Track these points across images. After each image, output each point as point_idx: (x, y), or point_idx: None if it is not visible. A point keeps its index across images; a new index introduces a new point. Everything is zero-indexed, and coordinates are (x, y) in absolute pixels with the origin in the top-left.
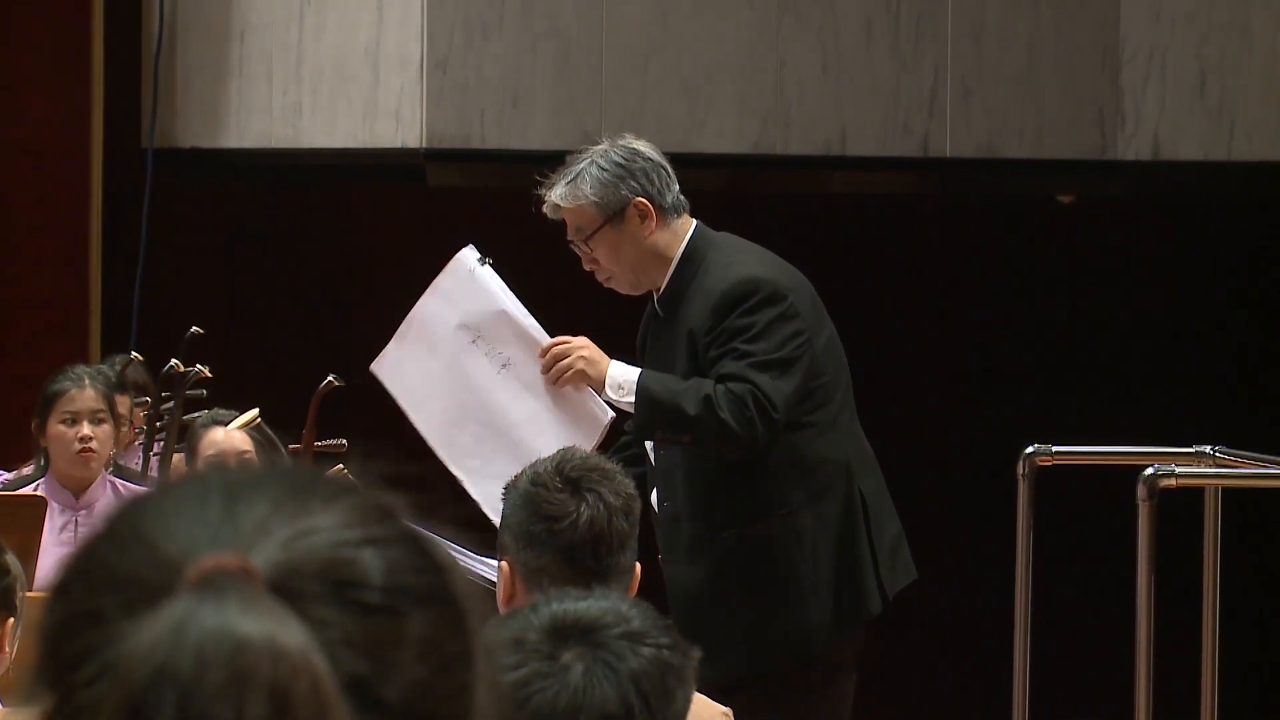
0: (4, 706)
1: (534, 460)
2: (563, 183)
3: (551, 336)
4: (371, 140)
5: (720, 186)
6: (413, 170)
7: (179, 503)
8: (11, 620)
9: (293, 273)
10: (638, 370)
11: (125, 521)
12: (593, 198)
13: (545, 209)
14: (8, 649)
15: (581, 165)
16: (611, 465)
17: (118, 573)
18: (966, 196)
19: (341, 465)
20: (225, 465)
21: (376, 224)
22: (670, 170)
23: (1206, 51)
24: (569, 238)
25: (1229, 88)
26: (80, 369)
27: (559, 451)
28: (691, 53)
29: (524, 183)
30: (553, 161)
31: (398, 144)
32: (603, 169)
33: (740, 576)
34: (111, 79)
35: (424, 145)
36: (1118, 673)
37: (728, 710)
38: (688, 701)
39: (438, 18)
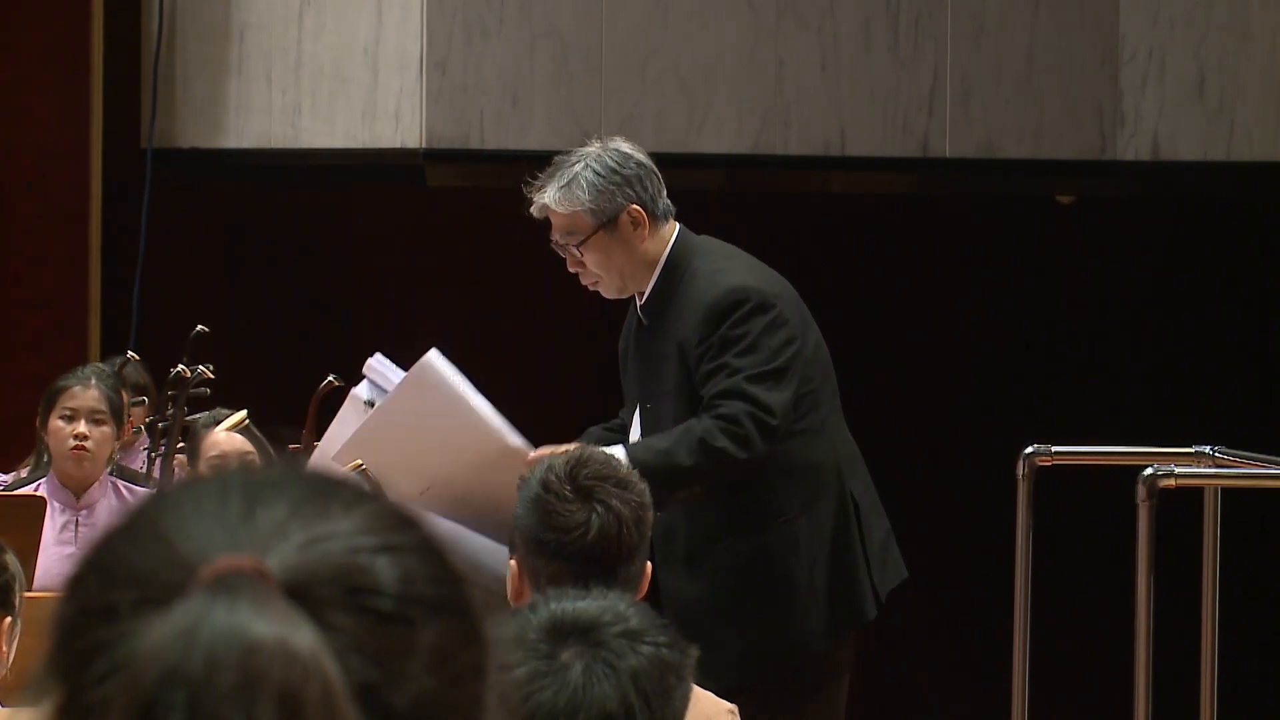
0: (3, 708)
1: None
2: (555, 186)
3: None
4: (371, 140)
5: (720, 186)
6: (412, 170)
7: (199, 502)
8: (10, 619)
9: (293, 273)
10: (621, 448)
11: (144, 518)
12: (589, 204)
13: (534, 210)
14: (5, 649)
15: (575, 169)
16: (626, 473)
17: (133, 569)
18: (966, 196)
19: (361, 462)
20: (244, 466)
21: (376, 224)
22: (660, 175)
23: (1205, 52)
24: (554, 239)
25: (1228, 88)
26: (89, 369)
27: (575, 451)
28: (690, 53)
29: (523, 183)
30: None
31: (397, 144)
32: (598, 174)
33: (738, 587)
34: (111, 79)
35: (423, 145)
36: (1118, 672)
37: (733, 707)
38: (686, 699)
39: (437, 18)
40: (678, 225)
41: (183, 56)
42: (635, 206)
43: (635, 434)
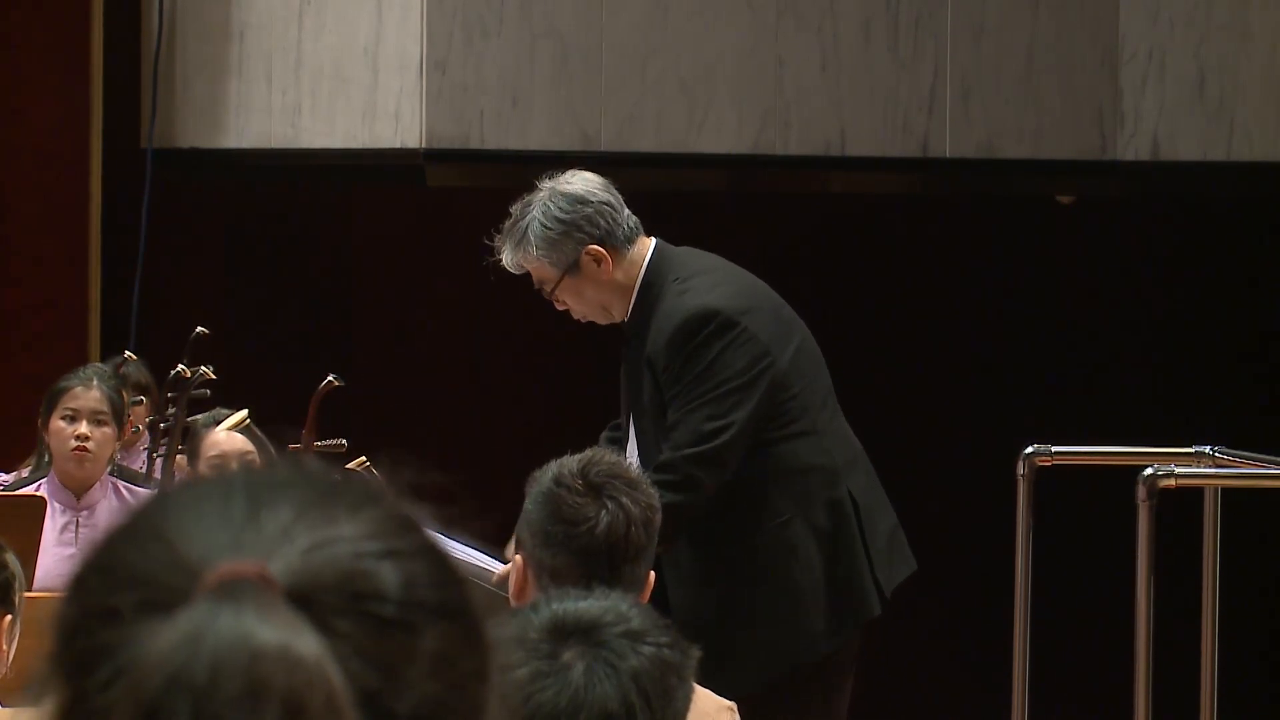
0: (4, 708)
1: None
2: (510, 246)
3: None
4: (371, 141)
5: (720, 186)
6: (412, 170)
7: (202, 503)
8: (10, 617)
9: (293, 273)
10: None
11: (147, 519)
12: (543, 258)
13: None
14: (5, 647)
15: (526, 221)
16: (637, 474)
17: (136, 571)
18: (966, 196)
19: (366, 460)
20: (248, 467)
21: (376, 224)
22: (617, 200)
23: (1205, 52)
24: (535, 288)
25: (1228, 88)
26: (90, 369)
27: (586, 452)
28: (691, 53)
29: (523, 183)
30: (552, 162)
31: (397, 144)
32: (546, 227)
33: (739, 592)
34: (111, 79)
35: (423, 145)
36: (1118, 673)
37: (732, 705)
38: (688, 699)
39: (437, 18)
40: (653, 241)
41: (183, 56)
42: (592, 246)
43: (633, 450)
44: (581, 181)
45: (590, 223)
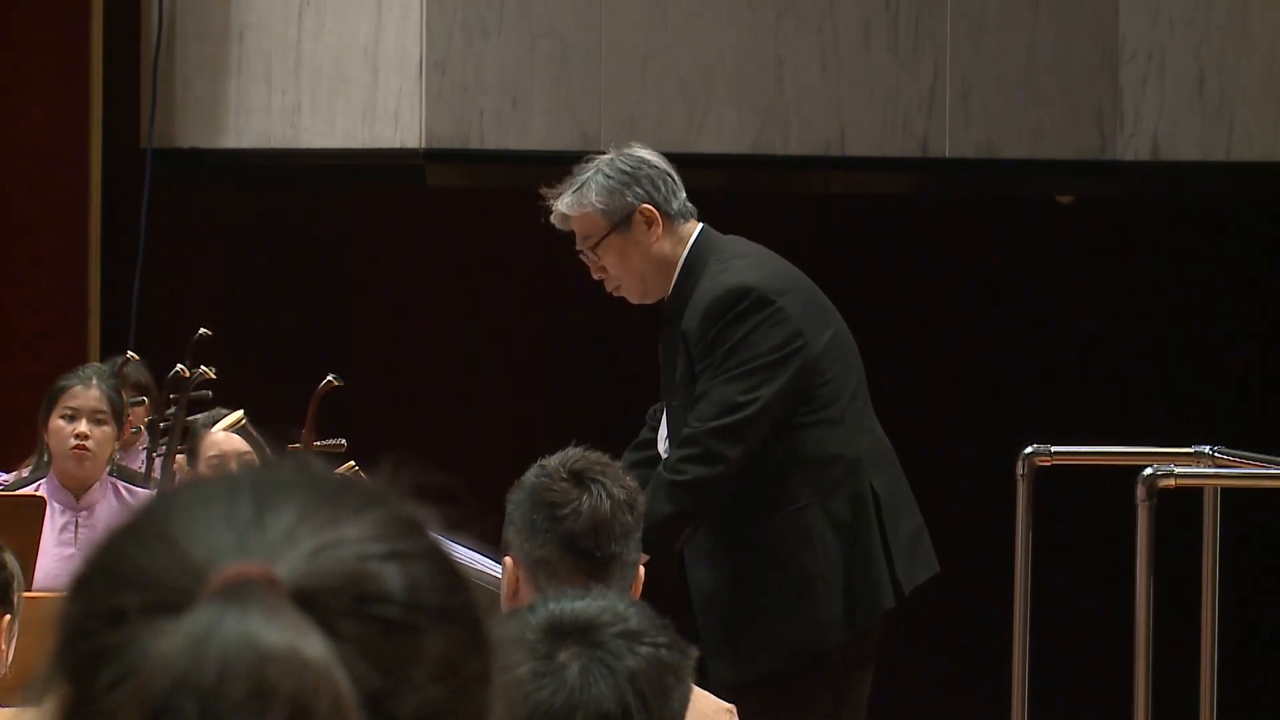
0: (3, 709)
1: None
2: (569, 191)
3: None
4: (371, 141)
5: (720, 186)
6: (412, 170)
7: (207, 504)
8: (9, 617)
9: (293, 273)
10: None
11: (151, 519)
12: (598, 205)
13: (554, 219)
14: (5, 647)
15: (588, 174)
16: (614, 462)
17: (141, 572)
18: (966, 197)
19: (353, 464)
20: (252, 468)
21: (376, 224)
22: (676, 177)
23: (1205, 52)
24: (578, 247)
25: (1228, 88)
26: (90, 369)
27: (565, 449)
28: (691, 53)
29: (523, 183)
30: (552, 162)
31: (397, 144)
32: (608, 176)
33: (754, 576)
34: (111, 79)
35: (423, 146)
36: (1117, 673)
37: (731, 707)
38: (685, 700)
39: (437, 18)
40: (700, 225)
41: (183, 56)
42: (647, 205)
43: (663, 430)
44: (648, 151)
45: (650, 182)
